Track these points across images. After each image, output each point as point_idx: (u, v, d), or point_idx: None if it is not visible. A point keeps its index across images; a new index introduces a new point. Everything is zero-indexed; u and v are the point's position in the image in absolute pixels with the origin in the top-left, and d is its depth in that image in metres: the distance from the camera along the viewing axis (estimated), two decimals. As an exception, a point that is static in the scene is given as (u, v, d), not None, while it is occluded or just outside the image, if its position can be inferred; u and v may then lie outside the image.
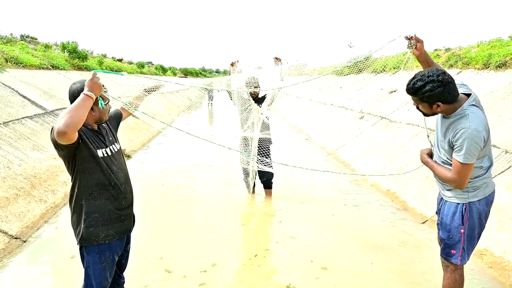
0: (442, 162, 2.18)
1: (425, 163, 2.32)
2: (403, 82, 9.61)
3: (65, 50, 12.81)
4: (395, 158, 6.09)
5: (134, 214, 2.24)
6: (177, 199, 5.07)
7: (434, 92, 1.97)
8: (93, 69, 2.83)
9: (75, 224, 1.97)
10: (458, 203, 2.14)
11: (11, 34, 15.37)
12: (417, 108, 2.16)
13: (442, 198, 2.28)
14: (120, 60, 24.94)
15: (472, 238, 2.16)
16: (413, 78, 2.06)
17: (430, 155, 2.33)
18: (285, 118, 14.69)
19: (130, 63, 26.77)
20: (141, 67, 26.01)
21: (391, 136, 6.94)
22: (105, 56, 23.01)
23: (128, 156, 7.45)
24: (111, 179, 1.99)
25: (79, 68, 13.10)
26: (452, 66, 8.18)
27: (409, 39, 2.31)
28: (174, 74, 39.42)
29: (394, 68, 10.11)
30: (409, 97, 2.18)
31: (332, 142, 8.83)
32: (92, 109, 1.88)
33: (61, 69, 11.41)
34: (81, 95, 1.76)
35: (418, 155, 2.43)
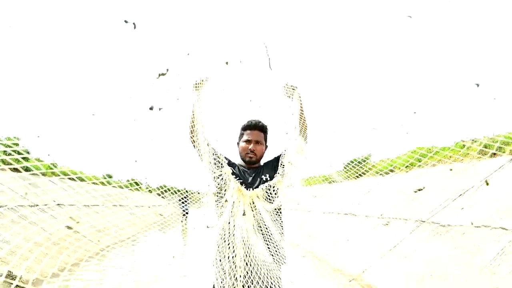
0: None
1: None
2: (428, 178, 7.57)
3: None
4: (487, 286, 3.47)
5: None
6: None
7: None
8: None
9: None
10: None
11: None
12: None
13: None
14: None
15: None
16: None
17: None
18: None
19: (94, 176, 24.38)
20: (109, 177, 23.61)
21: (457, 248, 4.41)
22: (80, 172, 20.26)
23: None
24: None
25: (22, 169, 10.48)
26: (495, 154, 6.31)
27: None
28: (150, 192, 36.82)
29: (410, 165, 8.19)
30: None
31: (350, 261, 6.10)
32: None
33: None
34: None
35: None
